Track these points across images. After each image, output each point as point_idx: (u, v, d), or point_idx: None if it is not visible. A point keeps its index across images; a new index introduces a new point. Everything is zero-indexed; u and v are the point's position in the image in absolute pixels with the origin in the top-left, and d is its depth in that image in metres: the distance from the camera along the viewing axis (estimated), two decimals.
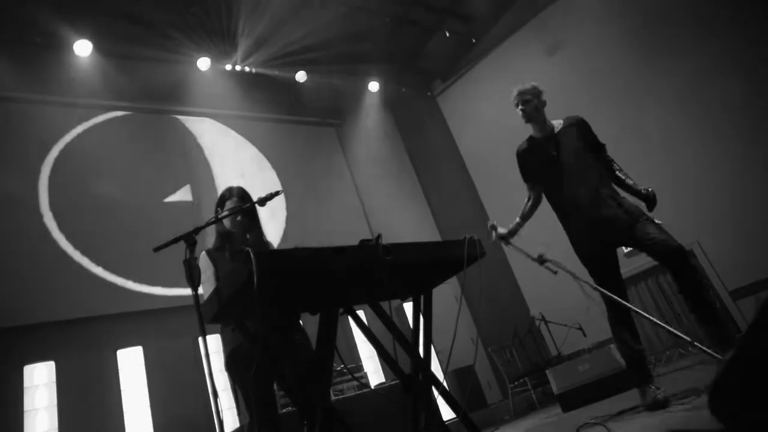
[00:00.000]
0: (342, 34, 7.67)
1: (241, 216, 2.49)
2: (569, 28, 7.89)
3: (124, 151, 6.55)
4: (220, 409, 1.73)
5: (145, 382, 5.36)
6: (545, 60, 8.02)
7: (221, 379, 5.15)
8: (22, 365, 4.88)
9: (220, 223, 2.49)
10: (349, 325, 5.95)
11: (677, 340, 6.19)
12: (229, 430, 4.30)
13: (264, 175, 7.70)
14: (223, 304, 1.82)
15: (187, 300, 2.00)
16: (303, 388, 2.25)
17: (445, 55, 9.04)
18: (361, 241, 1.97)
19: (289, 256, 1.73)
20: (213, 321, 1.94)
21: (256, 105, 7.94)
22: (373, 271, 1.89)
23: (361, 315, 2.24)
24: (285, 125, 8.49)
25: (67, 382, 4.97)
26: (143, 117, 7.00)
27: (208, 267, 2.38)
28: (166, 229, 6.17)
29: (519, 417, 5.80)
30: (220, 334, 2.43)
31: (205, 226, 2.14)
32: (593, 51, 7.66)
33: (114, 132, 6.61)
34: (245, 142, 7.85)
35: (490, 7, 8.28)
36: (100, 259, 5.75)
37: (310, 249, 1.76)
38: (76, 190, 5.96)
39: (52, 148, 6.03)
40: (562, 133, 2.97)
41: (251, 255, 1.61)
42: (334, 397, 4.13)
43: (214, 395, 1.76)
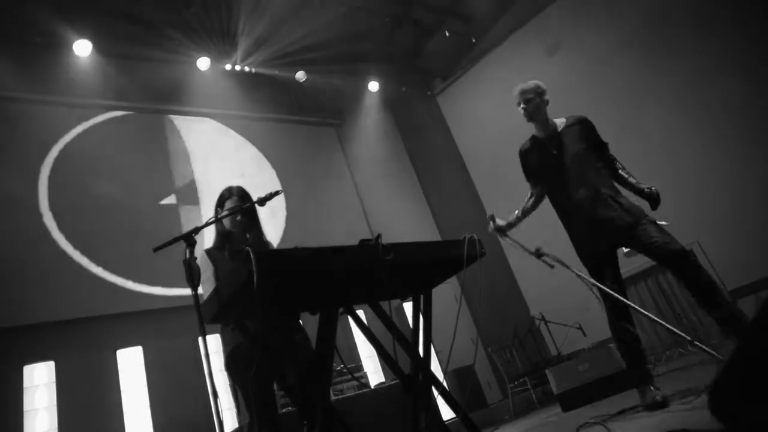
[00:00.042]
0: (342, 34, 7.67)
1: (240, 216, 2.49)
2: (569, 28, 7.89)
3: (123, 151, 6.55)
4: (219, 409, 1.73)
5: (145, 383, 5.36)
6: (545, 60, 8.02)
7: (221, 379, 5.15)
8: (21, 365, 4.88)
9: (219, 223, 2.49)
10: (349, 325, 5.95)
11: (676, 338, 6.20)
12: (229, 430, 4.30)
13: (264, 175, 7.69)
14: (222, 304, 1.82)
15: (187, 300, 2.00)
16: (303, 388, 2.25)
17: (445, 55, 9.04)
18: (361, 241, 1.97)
19: (288, 256, 1.73)
20: (213, 321, 1.94)
21: (256, 105, 7.94)
22: (372, 271, 1.89)
23: (360, 315, 2.24)
24: (285, 125, 8.49)
25: (66, 382, 4.97)
26: (143, 117, 6.99)
27: (208, 267, 2.38)
28: (166, 229, 6.25)
29: (519, 417, 5.80)
30: (219, 334, 2.43)
31: (205, 226, 2.14)
32: (593, 51, 7.66)
33: (114, 132, 6.61)
34: (245, 142, 7.84)
35: (490, 7, 8.28)
36: (100, 259, 5.75)
37: (310, 249, 1.76)
38: (76, 190, 5.96)
39: (52, 148, 6.03)
40: (564, 132, 2.94)
41: (251, 255, 1.61)
42: (334, 397, 4.13)
43: (213, 395, 1.76)
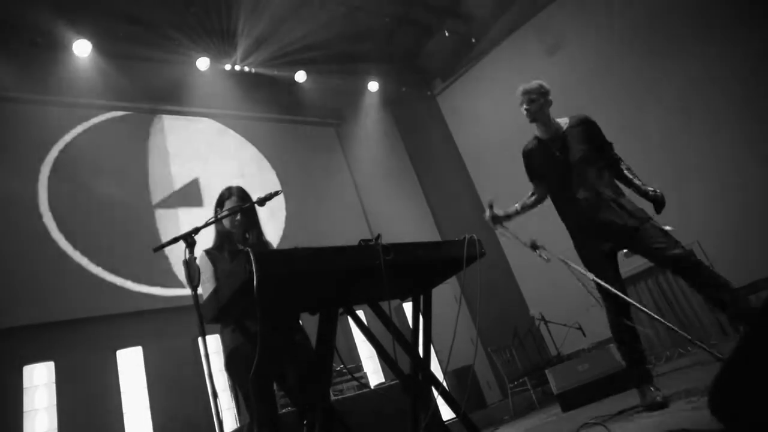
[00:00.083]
0: (342, 34, 7.68)
1: (240, 216, 2.49)
2: (569, 28, 7.89)
3: (123, 151, 6.55)
4: (219, 409, 1.73)
5: (145, 383, 5.35)
6: (545, 60, 8.02)
7: (221, 380, 5.15)
8: (21, 365, 4.87)
9: (219, 223, 2.49)
10: (349, 325, 5.95)
11: (676, 338, 6.20)
12: (229, 431, 4.30)
13: (264, 175, 7.69)
14: (222, 305, 1.82)
15: (187, 300, 2.00)
16: (303, 388, 2.25)
17: (445, 55, 9.05)
18: (361, 241, 1.97)
19: (288, 256, 1.73)
20: (213, 321, 1.94)
21: (256, 105, 7.93)
22: (372, 271, 1.89)
23: (360, 315, 2.24)
24: (285, 125, 8.48)
25: (66, 382, 4.96)
26: (143, 117, 6.99)
27: (208, 267, 2.38)
28: (166, 229, 6.25)
29: (519, 417, 5.79)
30: (219, 334, 2.43)
31: (205, 226, 2.14)
32: (593, 51, 7.66)
33: (113, 132, 6.60)
34: (245, 142, 7.84)
35: (489, 6, 8.28)
36: (100, 259, 5.74)
37: (310, 249, 1.76)
38: (76, 190, 5.95)
39: (52, 148, 6.03)
40: (567, 133, 2.91)
41: (251, 255, 1.61)
42: (334, 398, 4.13)
43: (213, 396, 1.76)
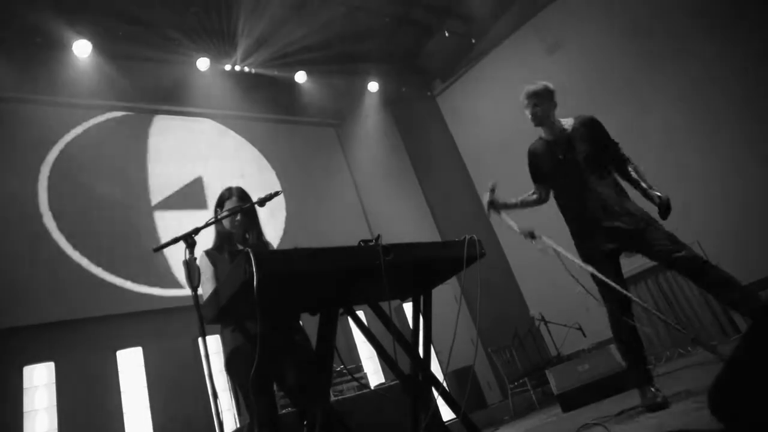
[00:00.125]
0: (342, 34, 7.68)
1: (240, 216, 2.49)
2: (569, 28, 7.89)
3: (123, 151, 6.56)
4: (219, 410, 1.73)
5: (145, 383, 5.35)
6: (545, 59, 8.02)
7: (221, 380, 5.15)
8: (21, 366, 4.87)
9: (219, 224, 2.49)
10: (349, 325, 5.95)
11: (676, 337, 6.21)
12: (229, 431, 4.30)
13: (264, 176, 7.69)
14: (222, 305, 1.82)
15: (187, 301, 2.00)
16: (303, 389, 2.25)
17: (445, 55, 9.04)
18: (361, 241, 1.97)
19: (288, 257, 1.73)
20: (213, 322, 1.94)
21: (256, 105, 7.93)
22: (372, 271, 1.89)
23: (360, 315, 2.23)
24: (285, 125, 8.48)
25: (66, 382, 4.96)
26: (143, 117, 6.99)
27: (208, 268, 2.38)
28: (166, 229, 6.25)
29: (519, 417, 5.79)
30: (219, 334, 2.43)
31: (205, 227, 2.14)
32: (593, 51, 7.66)
33: (114, 132, 6.60)
34: (245, 142, 7.84)
35: (489, 6, 8.28)
36: (100, 259, 5.74)
37: (310, 249, 1.76)
38: (76, 190, 5.95)
39: (52, 148, 6.03)
40: (572, 134, 2.87)
41: (251, 255, 1.61)
42: (334, 398, 4.13)
43: (213, 396, 1.76)
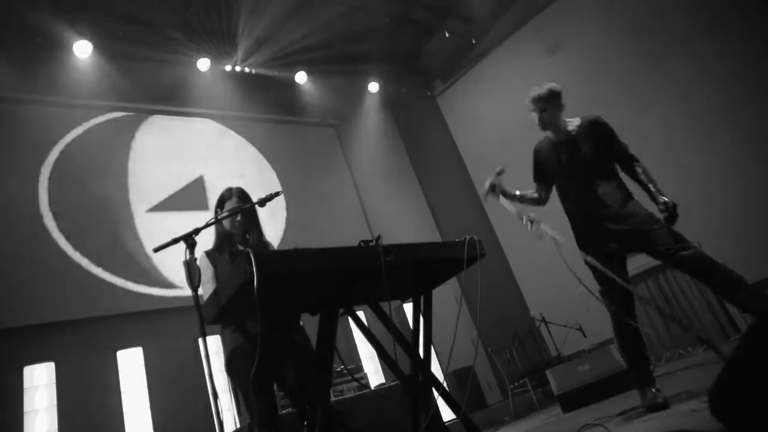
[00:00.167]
0: (342, 34, 7.67)
1: (240, 216, 2.49)
2: (569, 28, 7.89)
3: (123, 151, 6.56)
4: (220, 410, 1.73)
5: (145, 383, 5.35)
6: (545, 60, 8.02)
7: (221, 380, 5.15)
8: (21, 366, 4.87)
9: (219, 224, 2.49)
10: (349, 325, 5.95)
11: (676, 337, 6.20)
12: (229, 431, 4.29)
13: (264, 176, 7.69)
14: (223, 305, 1.82)
15: (187, 301, 2.00)
16: (303, 389, 2.25)
17: (445, 55, 9.04)
18: (361, 241, 1.97)
19: (288, 257, 1.73)
20: (213, 322, 1.94)
21: (256, 105, 7.93)
22: (372, 271, 1.89)
23: (360, 316, 2.23)
24: (285, 125, 8.49)
25: (67, 383, 4.96)
26: (143, 117, 7.00)
27: (208, 268, 2.38)
28: (166, 229, 6.25)
29: (519, 418, 5.79)
30: (220, 335, 2.43)
31: (205, 227, 2.14)
32: (593, 50, 7.66)
33: (114, 132, 6.61)
34: (245, 142, 7.84)
35: (489, 7, 8.28)
36: (100, 259, 5.75)
37: (310, 249, 1.76)
38: (76, 190, 5.96)
39: (52, 149, 6.03)
40: (577, 134, 2.85)
41: (251, 256, 1.61)
42: (334, 398, 4.13)
43: (214, 396, 1.76)
